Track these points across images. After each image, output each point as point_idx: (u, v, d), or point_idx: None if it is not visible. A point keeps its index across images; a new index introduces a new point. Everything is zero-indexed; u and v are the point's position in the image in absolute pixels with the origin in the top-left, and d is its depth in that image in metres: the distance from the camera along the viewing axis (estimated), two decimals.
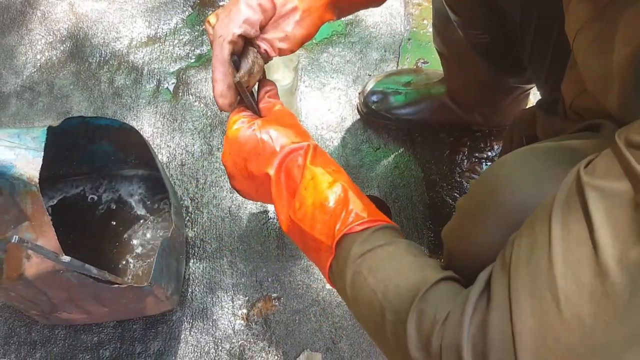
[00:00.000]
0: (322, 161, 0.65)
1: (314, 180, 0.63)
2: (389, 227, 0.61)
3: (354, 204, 0.61)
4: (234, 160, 0.70)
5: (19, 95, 1.33)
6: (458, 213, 0.62)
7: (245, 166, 0.68)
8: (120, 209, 1.13)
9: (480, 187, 0.58)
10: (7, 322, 1.06)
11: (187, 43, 1.39)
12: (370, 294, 0.56)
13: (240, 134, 0.68)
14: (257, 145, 0.66)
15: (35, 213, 0.77)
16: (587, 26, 0.53)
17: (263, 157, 0.66)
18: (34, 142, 0.76)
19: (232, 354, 1.03)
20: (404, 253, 0.58)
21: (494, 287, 0.45)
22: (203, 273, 1.10)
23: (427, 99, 1.21)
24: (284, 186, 0.66)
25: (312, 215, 0.62)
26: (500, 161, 0.56)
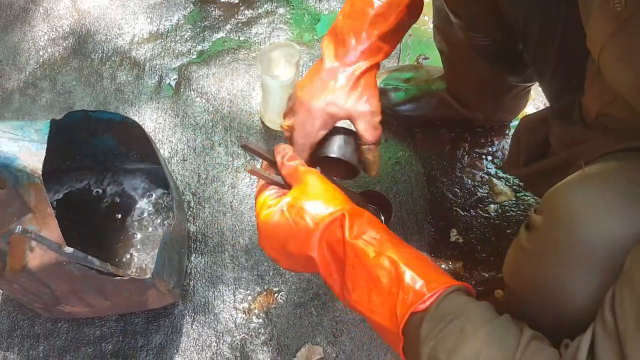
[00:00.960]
0: (360, 229, 0.62)
1: (359, 258, 0.60)
2: (453, 290, 0.57)
3: (408, 277, 0.57)
4: (271, 246, 0.68)
5: (22, 91, 1.34)
6: (527, 253, 0.58)
7: (285, 250, 0.66)
8: (124, 203, 1.13)
9: (555, 224, 0.53)
10: (11, 315, 1.07)
11: (188, 39, 1.40)
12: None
13: (272, 220, 0.66)
14: (291, 228, 0.64)
15: (39, 205, 0.77)
16: (612, 41, 0.52)
17: (300, 240, 0.64)
18: (37, 134, 0.77)
19: (234, 347, 1.04)
20: (477, 323, 0.53)
21: (601, 354, 0.42)
22: (205, 267, 1.11)
23: (427, 95, 1.22)
24: (331, 264, 0.63)
25: (369, 298, 0.59)
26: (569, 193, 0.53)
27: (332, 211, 0.63)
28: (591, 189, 0.51)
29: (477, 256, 1.12)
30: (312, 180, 0.67)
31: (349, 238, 0.61)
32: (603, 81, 0.59)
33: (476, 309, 0.55)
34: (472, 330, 0.52)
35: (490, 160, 1.23)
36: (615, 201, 0.49)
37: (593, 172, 0.54)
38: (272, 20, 1.43)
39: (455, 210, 1.17)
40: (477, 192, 1.19)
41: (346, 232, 0.61)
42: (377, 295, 0.58)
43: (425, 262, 0.60)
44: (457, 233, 1.15)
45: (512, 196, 1.19)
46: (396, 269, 0.58)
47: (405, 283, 0.56)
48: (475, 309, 0.55)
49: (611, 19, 0.50)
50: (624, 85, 0.52)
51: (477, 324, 0.53)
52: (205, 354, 1.03)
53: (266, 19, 1.43)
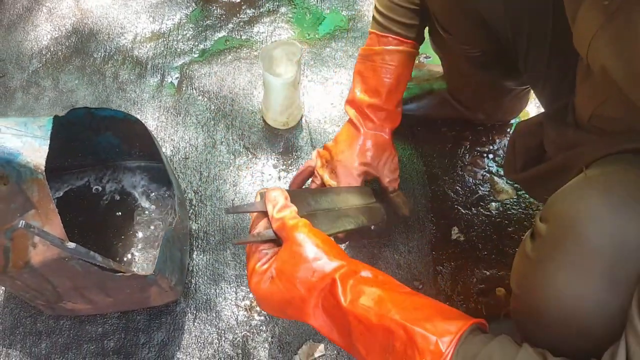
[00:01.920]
0: (355, 292, 0.60)
1: (363, 325, 0.58)
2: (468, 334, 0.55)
3: (419, 338, 0.55)
4: (272, 310, 0.67)
5: (25, 89, 1.34)
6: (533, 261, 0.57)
7: (285, 313, 0.66)
8: (124, 200, 1.14)
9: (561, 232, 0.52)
10: (13, 312, 1.07)
11: (190, 38, 1.40)
12: None
13: (263, 288, 0.65)
14: (284, 295, 0.63)
15: (41, 201, 0.78)
16: (600, 33, 0.52)
17: (296, 307, 0.63)
18: (41, 130, 0.77)
19: (235, 344, 1.04)
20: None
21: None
22: (206, 265, 1.11)
23: (429, 95, 1.22)
24: (332, 329, 0.62)
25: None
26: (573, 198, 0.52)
27: (322, 276, 0.61)
28: (595, 193, 0.51)
29: (478, 254, 1.12)
30: (300, 237, 0.64)
31: (346, 305, 0.59)
32: (594, 81, 0.58)
33: (497, 348, 0.53)
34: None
35: (491, 158, 1.23)
36: (620, 204, 0.49)
37: (594, 176, 0.54)
38: (274, 19, 1.43)
39: (457, 209, 1.18)
40: (479, 190, 1.19)
41: (341, 299, 0.59)
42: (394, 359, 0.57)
43: (431, 310, 0.58)
44: (459, 231, 1.15)
45: (513, 194, 1.19)
46: (405, 331, 0.56)
47: (419, 345, 0.54)
48: (495, 348, 0.53)
49: (599, 12, 0.51)
50: (617, 75, 0.52)
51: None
52: (207, 351, 1.03)
53: (268, 18, 1.44)
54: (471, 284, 1.09)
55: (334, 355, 1.02)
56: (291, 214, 0.67)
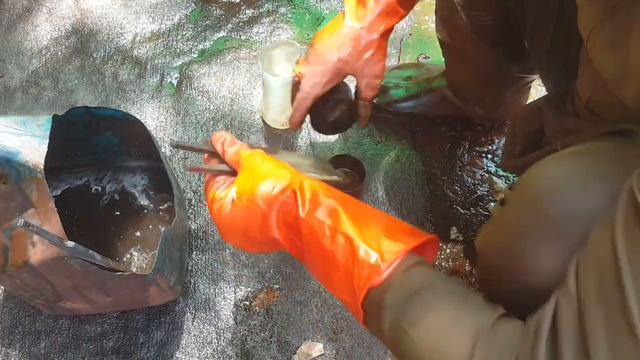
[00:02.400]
0: (313, 203, 0.61)
1: (314, 236, 0.59)
2: (415, 263, 0.56)
3: (362, 252, 0.56)
4: (234, 237, 0.67)
5: (24, 89, 1.34)
6: (497, 225, 0.59)
7: (248, 237, 0.66)
8: (124, 200, 1.14)
9: (523, 196, 0.55)
10: (12, 312, 1.07)
11: (190, 38, 1.41)
12: (417, 349, 0.51)
13: (224, 213, 0.65)
14: (246, 215, 0.63)
15: (40, 200, 0.78)
16: (600, 26, 0.52)
17: (259, 224, 0.63)
18: (40, 129, 0.77)
19: (234, 344, 1.04)
20: (444, 297, 0.53)
21: (563, 324, 0.43)
22: (206, 264, 1.11)
23: (428, 93, 1.22)
24: (295, 241, 0.63)
25: (326, 274, 0.59)
26: (542, 168, 0.54)
27: (282, 188, 0.62)
28: (560, 165, 0.53)
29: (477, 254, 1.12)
30: (257, 162, 0.65)
31: (303, 215, 0.60)
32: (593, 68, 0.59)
33: (443, 281, 0.55)
34: (439, 303, 0.52)
35: (490, 158, 1.23)
36: (582, 177, 0.51)
37: (567, 152, 0.55)
38: (273, 20, 1.44)
39: (456, 209, 1.18)
40: (477, 190, 1.20)
41: (299, 209, 0.60)
42: (334, 271, 0.58)
43: (383, 227, 0.59)
44: (457, 231, 1.15)
45: None
46: (350, 244, 0.57)
47: (359, 258, 0.56)
48: (442, 281, 0.55)
49: (601, 4, 0.51)
50: (607, 71, 0.53)
51: (444, 297, 0.53)
52: (206, 351, 1.04)
53: (267, 18, 1.44)
54: (470, 284, 1.09)
55: (333, 354, 1.03)
56: (243, 147, 0.68)
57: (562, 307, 0.44)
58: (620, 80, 0.51)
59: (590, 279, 0.42)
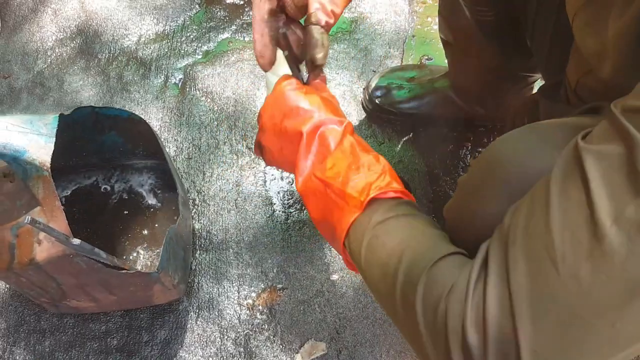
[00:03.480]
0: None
1: (353, 147, 0.64)
2: (413, 203, 0.62)
3: (392, 175, 0.63)
4: (272, 113, 0.70)
5: (29, 90, 1.35)
6: (459, 189, 0.63)
7: (281, 120, 0.69)
8: (132, 199, 1.15)
9: (482, 163, 0.59)
10: (17, 310, 1.08)
11: (194, 40, 1.41)
12: (385, 258, 0.56)
13: (288, 91, 0.69)
14: (300, 105, 0.68)
15: (47, 198, 0.79)
16: (584, 8, 0.55)
17: (301, 117, 0.67)
18: (46, 128, 0.78)
19: (238, 343, 1.05)
20: (423, 225, 0.59)
21: (492, 254, 0.46)
22: (209, 264, 1.12)
23: (430, 94, 1.23)
24: (314, 147, 0.66)
25: (346, 174, 0.63)
26: (501, 138, 0.57)
27: (341, 119, 0.67)
28: (517, 134, 0.57)
29: None
30: (332, 100, 0.71)
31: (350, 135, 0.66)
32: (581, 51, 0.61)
33: (427, 218, 0.61)
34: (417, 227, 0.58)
35: None
36: (532, 138, 0.55)
37: (529, 125, 0.59)
38: None
39: None
40: None
41: (348, 132, 0.66)
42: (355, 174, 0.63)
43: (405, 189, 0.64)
44: None
45: None
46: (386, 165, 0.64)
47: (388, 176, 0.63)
48: (426, 217, 0.61)
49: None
50: (587, 49, 0.56)
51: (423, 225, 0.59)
52: (210, 350, 1.04)
53: None
54: None
55: (335, 354, 1.03)
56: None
57: (494, 240, 0.47)
58: (598, 57, 0.54)
59: (521, 216, 0.45)
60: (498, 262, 0.45)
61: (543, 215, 0.42)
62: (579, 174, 0.41)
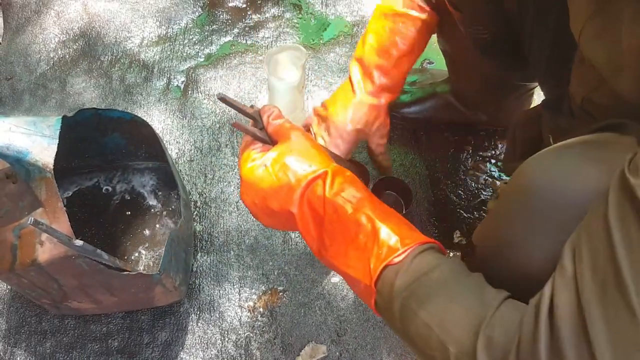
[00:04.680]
0: (340, 187, 0.63)
1: (337, 214, 0.61)
2: (427, 248, 0.59)
3: (383, 233, 0.59)
4: (253, 201, 0.69)
5: (32, 92, 1.36)
6: (490, 217, 0.61)
7: (266, 205, 0.67)
8: (134, 200, 1.15)
9: (514, 190, 0.56)
10: (19, 311, 1.08)
11: (196, 42, 1.42)
12: (425, 329, 0.53)
13: (255, 174, 0.67)
14: (273, 182, 0.65)
15: (49, 199, 0.79)
16: (592, 20, 0.54)
17: (282, 195, 0.65)
18: (49, 130, 0.78)
19: (238, 345, 1.05)
20: (451, 278, 0.55)
21: (561, 302, 0.43)
22: (210, 266, 1.12)
23: (432, 98, 1.23)
24: (310, 220, 0.64)
25: (345, 252, 0.61)
26: (533, 160, 0.55)
27: (315, 169, 0.64)
28: (551, 155, 0.55)
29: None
30: (298, 137, 0.67)
31: (329, 195, 0.62)
32: (587, 67, 0.61)
33: (450, 264, 0.57)
34: (446, 283, 0.55)
35: (493, 163, 1.24)
36: (569, 162, 0.52)
37: (558, 144, 0.57)
38: (279, 25, 1.45)
39: (459, 212, 1.18)
40: (481, 195, 1.20)
41: (327, 189, 0.63)
42: (353, 250, 0.60)
43: (402, 221, 0.62)
44: (461, 235, 1.16)
45: None
46: (372, 225, 0.60)
47: (380, 238, 0.59)
48: (449, 264, 0.57)
49: (590, 2, 0.53)
50: (600, 61, 0.55)
51: (451, 278, 0.55)
52: (210, 352, 1.04)
53: (273, 23, 1.45)
54: None
55: (336, 356, 1.03)
56: (287, 121, 0.70)
57: (559, 286, 0.44)
58: (615, 70, 0.53)
59: (584, 257, 0.43)
60: (569, 312, 0.42)
61: (609, 258, 0.41)
62: (637, 212, 0.40)
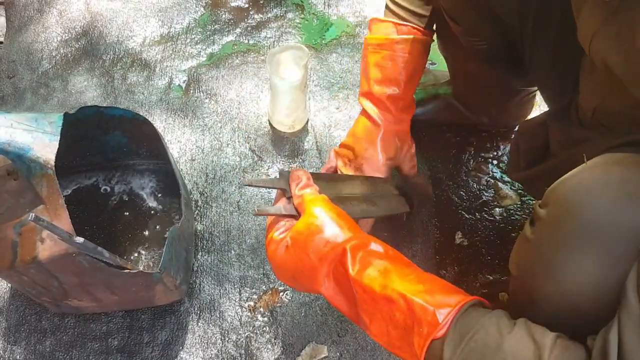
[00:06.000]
0: (363, 263, 0.62)
1: (367, 294, 0.60)
2: (468, 307, 0.57)
3: (418, 309, 0.57)
4: (285, 278, 0.70)
5: (34, 90, 1.36)
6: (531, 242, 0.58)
7: (297, 282, 0.68)
8: (132, 201, 1.15)
9: (558, 210, 0.54)
10: (19, 310, 1.08)
11: (198, 42, 1.42)
12: None
13: (277, 256, 0.68)
14: (297, 264, 0.65)
15: (50, 196, 0.79)
16: (603, 29, 0.53)
17: (307, 275, 0.65)
18: (51, 126, 0.78)
19: (239, 345, 1.04)
20: (498, 334, 0.53)
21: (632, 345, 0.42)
22: (211, 265, 1.12)
23: (434, 99, 1.23)
24: (343, 301, 0.64)
25: (387, 332, 0.60)
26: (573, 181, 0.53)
27: (334, 245, 0.64)
28: (593, 177, 0.52)
29: (481, 259, 1.13)
30: (317, 211, 0.67)
31: (353, 274, 0.61)
32: (598, 76, 0.60)
33: (493, 321, 0.55)
34: (494, 342, 0.52)
35: (495, 164, 1.24)
36: (619, 188, 0.50)
37: (594, 164, 0.55)
38: (282, 25, 1.45)
39: (461, 213, 1.18)
40: (483, 196, 1.20)
41: (349, 268, 0.62)
42: (393, 329, 0.59)
43: (433, 284, 0.60)
44: (462, 236, 1.16)
45: (517, 200, 1.19)
46: (405, 301, 0.58)
47: (417, 315, 0.57)
48: (492, 321, 0.55)
49: (602, 10, 0.52)
50: (618, 68, 0.54)
51: (497, 335, 0.53)
52: (210, 351, 1.04)
53: (275, 23, 1.45)
54: (474, 288, 1.10)
55: (337, 357, 1.03)
56: (312, 192, 0.70)
57: (627, 327, 0.42)
58: (633, 74, 0.52)
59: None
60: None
61: None
62: None
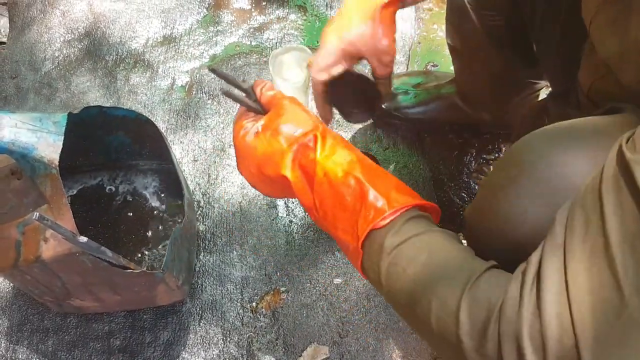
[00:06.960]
0: (332, 150, 0.64)
1: (327, 176, 0.62)
2: (419, 216, 0.59)
3: (371, 196, 0.59)
4: (249, 170, 0.69)
5: (37, 91, 1.36)
6: (482, 190, 0.62)
7: (262, 172, 0.67)
8: (136, 201, 1.15)
9: (509, 161, 0.57)
10: (21, 309, 1.08)
11: (201, 43, 1.42)
12: (411, 285, 0.54)
13: (247, 141, 0.67)
14: (266, 148, 0.65)
15: (54, 196, 0.79)
16: (602, 9, 0.55)
17: (275, 160, 0.65)
18: (55, 126, 0.79)
19: (240, 345, 1.04)
20: (442, 242, 0.55)
21: (547, 268, 0.44)
22: (213, 266, 1.12)
23: (436, 99, 1.23)
24: (305, 184, 0.64)
25: (333, 214, 0.61)
26: (527, 137, 0.56)
27: (305, 131, 0.65)
28: (543, 131, 0.56)
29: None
30: (288, 105, 0.68)
31: (320, 158, 0.63)
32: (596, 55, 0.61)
33: (442, 232, 0.57)
34: (437, 246, 0.55)
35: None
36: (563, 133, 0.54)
37: (552, 124, 0.58)
38: (284, 26, 1.45)
39: (462, 215, 1.18)
40: None
41: (318, 152, 0.63)
42: (341, 212, 0.60)
43: (393, 184, 0.61)
44: (464, 237, 1.16)
45: None
46: (360, 188, 0.60)
47: (368, 201, 0.59)
48: (440, 232, 0.57)
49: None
50: (608, 51, 0.56)
51: (442, 243, 0.55)
52: (212, 352, 1.04)
53: (278, 25, 1.45)
54: None
55: (338, 358, 1.03)
56: (279, 92, 0.70)
57: (547, 254, 0.45)
58: (621, 59, 0.54)
59: (576, 227, 0.43)
60: (555, 278, 0.43)
61: (599, 227, 0.41)
62: (631, 186, 0.40)
